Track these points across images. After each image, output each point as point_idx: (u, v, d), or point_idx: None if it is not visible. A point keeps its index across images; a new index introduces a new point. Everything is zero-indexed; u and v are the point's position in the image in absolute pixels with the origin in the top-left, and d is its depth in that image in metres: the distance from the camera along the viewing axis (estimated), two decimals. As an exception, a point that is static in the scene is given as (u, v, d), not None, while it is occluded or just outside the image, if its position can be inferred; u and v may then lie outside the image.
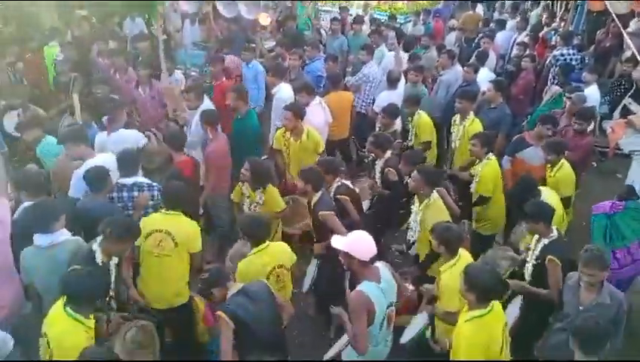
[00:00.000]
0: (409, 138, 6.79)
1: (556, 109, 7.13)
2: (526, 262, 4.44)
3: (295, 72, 7.80)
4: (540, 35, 10.75)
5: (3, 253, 4.13)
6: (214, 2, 10.07)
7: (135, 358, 3.58)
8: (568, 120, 6.55)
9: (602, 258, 3.75)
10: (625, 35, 8.77)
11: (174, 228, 4.29)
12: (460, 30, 11.28)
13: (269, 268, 4.09)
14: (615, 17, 8.54)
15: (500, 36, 10.74)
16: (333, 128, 7.11)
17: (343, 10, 11.84)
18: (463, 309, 3.60)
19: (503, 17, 12.59)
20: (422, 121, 6.68)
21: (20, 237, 4.15)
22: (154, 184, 5.01)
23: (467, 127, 6.31)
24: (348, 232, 4.01)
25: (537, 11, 13.38)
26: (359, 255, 3.61)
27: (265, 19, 10.16)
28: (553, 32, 10.80)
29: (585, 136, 6.24)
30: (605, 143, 7.36)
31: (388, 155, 5.71)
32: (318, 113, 6.71)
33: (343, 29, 10.68)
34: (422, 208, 4.87)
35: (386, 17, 12.29)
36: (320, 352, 4.66)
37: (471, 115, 6.41)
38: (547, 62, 9.28)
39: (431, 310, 4.16)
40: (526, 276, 4.42)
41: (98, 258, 3.89)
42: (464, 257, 4.08)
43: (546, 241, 4.30)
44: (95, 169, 4.68)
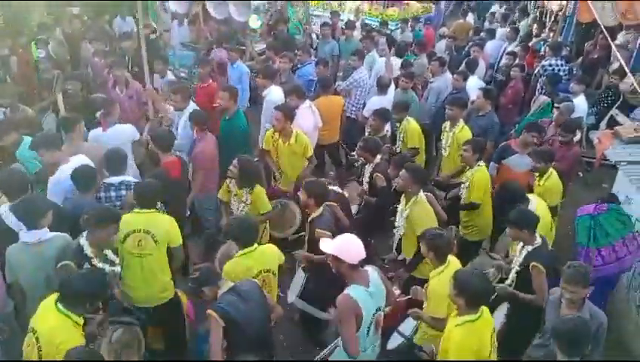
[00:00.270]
0: (397, 144, 6.80)
1: (544, 118, 7.19)
2: (510, 269, 4.45)
3: (285, 75, 7.79)
4: (530, 45, 10.85)
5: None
6: (204, 3, 10.02)
7: (121, 358, 3.55)
8: (556, 130, 6.60)
9: (585, 275, 3.70)
10: (613, 47, 8.86)
11: (152, 226, 4.27)
12: (451, 38, 11.33)
13: (255, 271, 4.06)
14: (603, 29, 8.62)
15: (490, 45, 10.79)
16: (323, 132, 7.11)
17: (334, 15, 11.78)
18: (452, 314, 3.60)
19: (493, 27, 12.69)
20: (410, 127, 6.69)
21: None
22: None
23: (457, 134, 6.33)
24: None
25: (527, 21, 13.50)
26: (348, 258, 3.59)
27: (255, 21, 10.16)
28: (542, 43, 10.89)
29: (571, 146, 6.30)
30: (592, 154, 7.42)
31: (377, 160, 5.71)
32: (308, 117, 6.70)
33: (334, 34, 10.66)
34: (409, 206, 4.88)
35: (377, 23, 12.32)
36: (306, 356, 4.65)
37: (461, 122, 6.42)
38: (536, 72, 9.35)
39: (418, 315, 4.15)
40: (508, 282, 4.42)
41: (87, 251, 3.89)
42: (453, 264, 4.08)
43: (530, 248, 4.32)
44: (83, 168, 4.63)
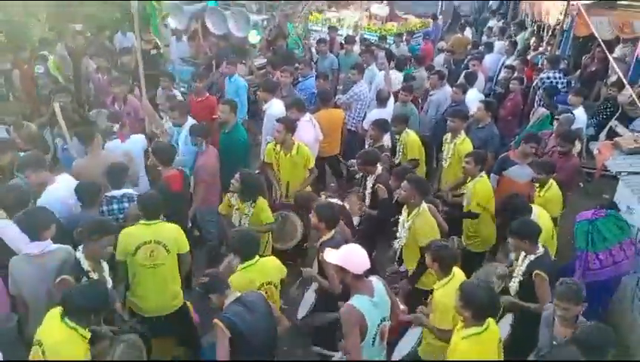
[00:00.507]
0: (397, 156, 6.81)
1: (544, 131, 7.22)
2: (512, 278, 4.43)
3: (286, 89, 7.82)
4: (529, 59, 10.93)
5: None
6: (203, 19, 10.10)
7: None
8: (556, 141, 6.62)
9: (578, 292, 3.64)
10: (611, 60, 8.94)
11: (162, 236, 4.31)
12: (449, 52, 11.43)
13: (257, 284, 4.05)
14: (601, 43, 8.70)
15: (488, 58, 10.89)
16: (324, 145, 7.14)
17: (332, 30, 11.87)
18: (457, 326, 3.59)
19: (491, 40, 12.78)
20: (410, 139, 6.72)
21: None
22: (143, 195, 4.96)
23: (458, 146, 6.34)
24: None
25: (524, 35, 13.60)
26: (353, 268, 3.56)
27: (254, 37, 10.22)
28: (540, 56, 10.97)
29: (570, 157, 6.31)
30: (592, 164, 7.44)
31: (379, 171, 5.72)
32: (308, 130, 6.73)
33: (332, 49, 10.71)
34: (411, 217, 4.86)
35: (377, 38, 12.41)
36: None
37: (462, 134, 6.44)
38: (534, 84, 9.40)
39: (421, 321, 4.12)
40: (511, 291, 4.41)
41: (84, 265, 3.88)
42: (458, 275, 4.06)
43: (532, 257, 4.31)
44: (87, 184, 4.68)
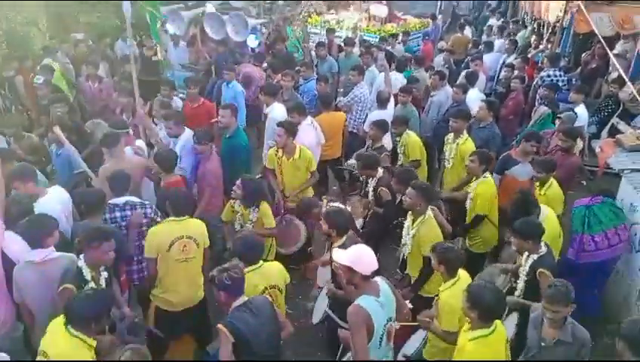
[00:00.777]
0: (398, 158, 6.80)
1: (546, 130, 7.19)
2: (518, 278, 4.42)
3: (288, 93, 7.82)
4: (529, 57, 10.91)
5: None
6: (202, 24, 10.12)
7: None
8: (559, 139, 6.59)
9: (567, 294, 3.63)
10: (611, 57, 8.91)
11: (192, 231, 4.54)
12: (449, 52, 11.41)
13: (261, 288, 4.05)
14: (601, 39, 8.68)
15: (488, 58, 10.86)
16: (325, 148, 7.14)
17: (329, 32, 11.80)
18: (464, 328, 3.58)
19: (491, 39, 12.75)
20: (411, 140, 6.72)
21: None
22: (145, 202, 4.99)
23: (460, 146, 6.34)
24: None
25: (524, 33, 13.58)
26: (361, 269, 3.55)
27: (253, 41, 10.23)
28: (541, 54, 10.95)
29: (571, 155, 6.26)
30: (595, 162, 7.41)
31: (380, 174, 5.71)
32: (310, 133, 6.73)
33: (330, 51, 10.66)
34: (416, 224, 4.82)
35: (377, 39, 12.39)
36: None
37: (464, 134, 6.44)
38: (535, 83, 9.37)
39: (428, 325, 4.10)
40: (517, 292, 4.41)
41: (86, 273, 3.87)
42: (463, 277, 4.06)
43: (535, 256, 4.31)
44: (91, 192, 4.72)
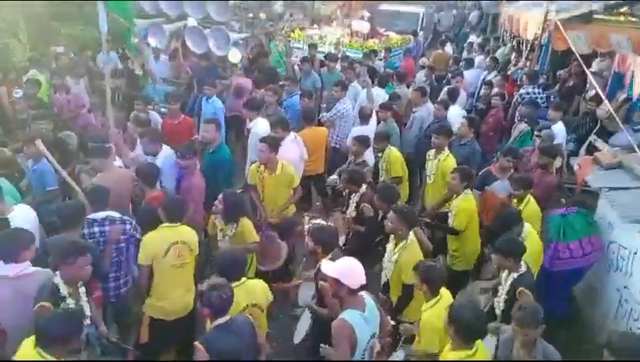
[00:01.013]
0: (380, 174, 6.79)
1: (527, 147, 7.27)
2: (497, 297, 4.44)
3: (271, 108, 7.80)
4: (509, 74, 11.07)
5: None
6: (183, 38, 10.08)
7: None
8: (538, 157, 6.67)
9: (535, 315, 3.65)
10: (588, 75, 9.06)
11: (186, 236, 4.61)
12: (430, 68, 11.51)
13: (243, 305, 4.00)
14: (578, 57, 8.81)
15: (469, 74, 10.99)
16: (309, 163, 7.13)
17: (312, 47, 11.76)
18: (446, 348, 3.57)
19: (472, 56, 12.92)
20: (392, 156, 6.71)
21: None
22: (125, 218, 4.91)
23: (442, 162, 6.37)
24: None
25: (504, 50, 13.79)
26: (349, 282, 3.53)
27: (235, 55, 10.20)
28: (519, 71, 11.12)
29: (548, 174, 6.33)
30: (573, 180, 7.47)
31: (363, 190, 5.72)
32: (293, 149, 6.73)
33: (312, 66, 10.65)
34: (398, 249, 4.71)
35: (360, 55, 12.40)
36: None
37: (446, 151, 6.48)
38: (514, 100, 9.49)
39: (409, 350, 4.09)
40: (497, 311, 4.42)
41: (63, 290, 3.79)
42: (445, 296, 4.06)
43: (515, 275, 4.33)
44: (70, 205, 4.67)
